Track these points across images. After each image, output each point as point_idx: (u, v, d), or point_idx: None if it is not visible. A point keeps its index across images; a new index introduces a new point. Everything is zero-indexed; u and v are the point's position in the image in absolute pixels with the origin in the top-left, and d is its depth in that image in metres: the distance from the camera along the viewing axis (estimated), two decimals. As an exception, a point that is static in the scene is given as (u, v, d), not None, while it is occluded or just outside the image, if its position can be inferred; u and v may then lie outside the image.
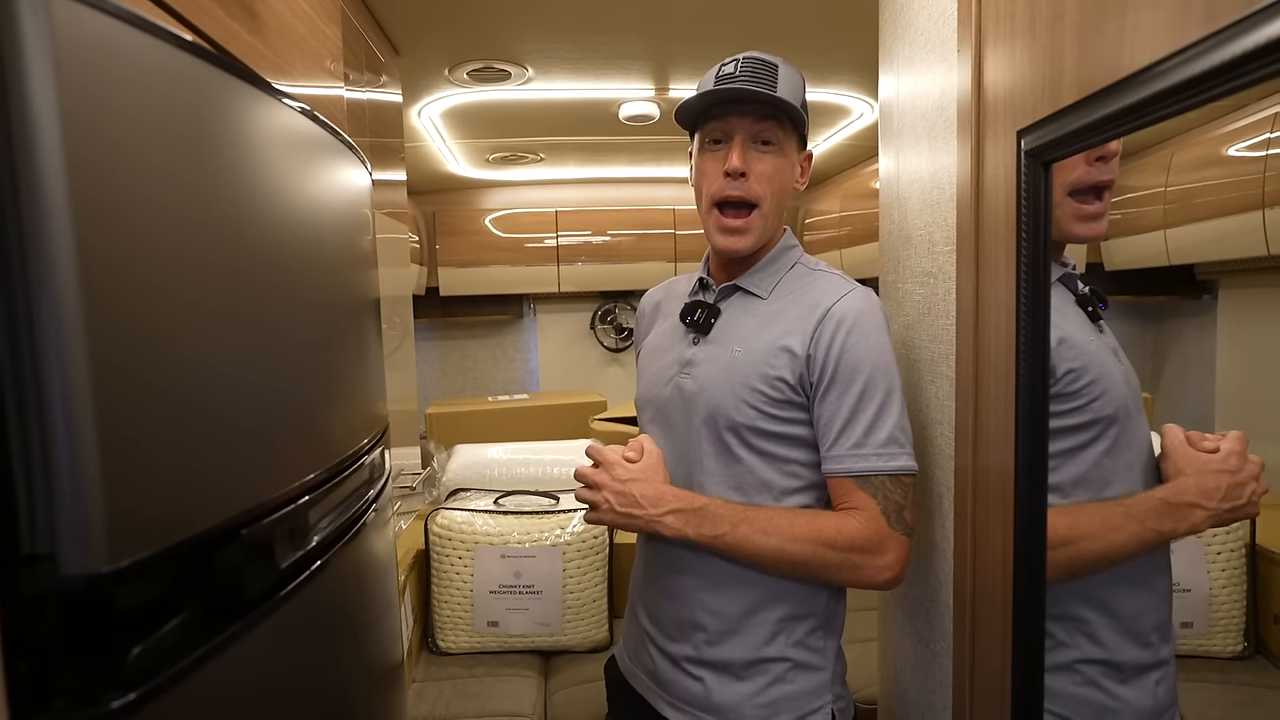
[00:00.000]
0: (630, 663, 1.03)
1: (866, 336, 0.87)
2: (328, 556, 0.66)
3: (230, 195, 0.51)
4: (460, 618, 1.83)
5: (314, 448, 0.64)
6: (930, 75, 1.00)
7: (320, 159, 0.70)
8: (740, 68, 0.90)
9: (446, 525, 1.84)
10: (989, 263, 0.82)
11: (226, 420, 0.48)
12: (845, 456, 0.86)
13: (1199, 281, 1.76)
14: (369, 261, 0.90)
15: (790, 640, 0.90)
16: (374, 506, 0.84)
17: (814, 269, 0.97)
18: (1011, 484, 0.76)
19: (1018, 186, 0.72)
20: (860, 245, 3.08)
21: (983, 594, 0.86)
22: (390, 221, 1.56)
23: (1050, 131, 0.66)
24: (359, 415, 0.80)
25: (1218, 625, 1.44)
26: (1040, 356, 0.69)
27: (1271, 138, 1.34)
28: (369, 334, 0.88)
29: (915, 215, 1.08)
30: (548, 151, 2.91)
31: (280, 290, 0.58)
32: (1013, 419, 0.75)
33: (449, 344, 4.02)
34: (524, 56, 1.71)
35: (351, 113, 1.27)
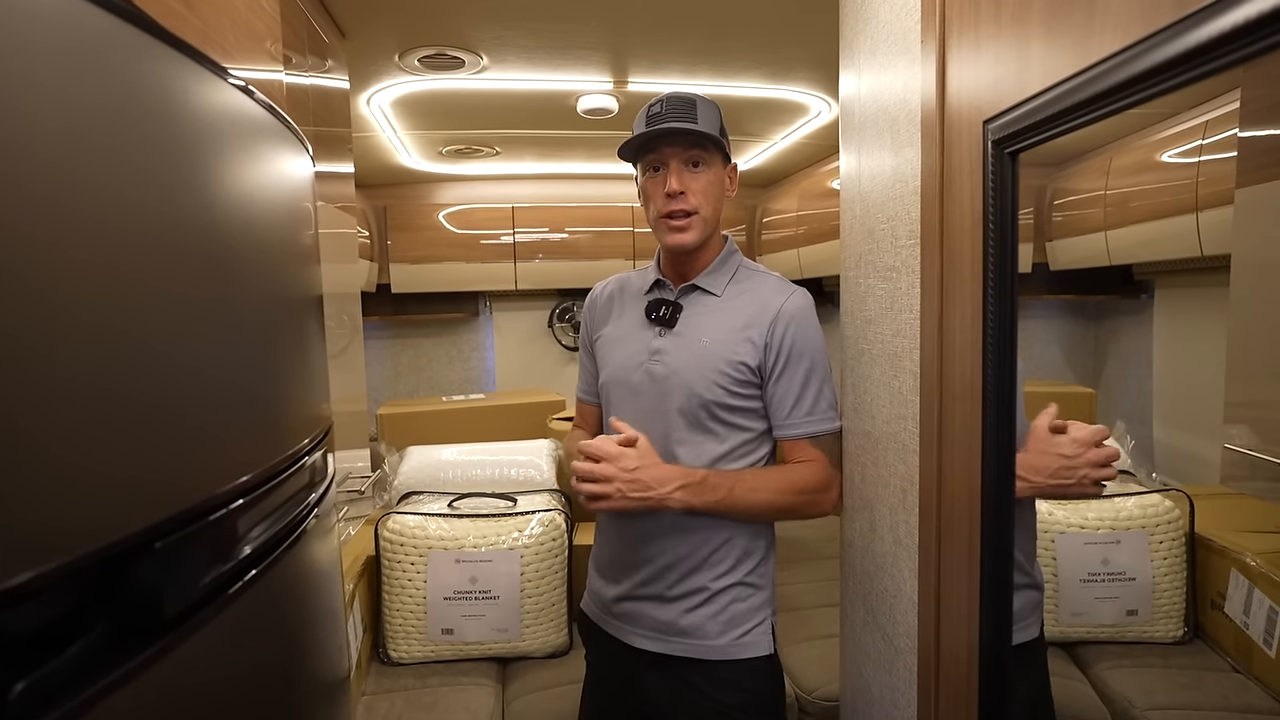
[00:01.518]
0: (599, 610, 1.22)
1: (808, 329, 1.13)
2: (261, 567, 0.60)
3: (156, 171, 0.45)
4: (413, 626, 1.76)
5: (245, 450, 0.59)
6: (893, 68, 1.00)
7: (260, 142, 0.65)
8: (666, 107, 1.10)
9: (398, 530, 1.77)
10: (954, 256, 0.81)
11: (141, 417, 0.43)
12: (801, 422, 1.12)
13: (1137, 281, 1.82)
14: (311, 255, 0.84)
15: (742, 571, 1.13)
16: (315, 512, 0.79)
17: (754, 270, 1.19)
18: (978, 481, 0.75)
19: (984, 177, 0.71)
20: (817, 244, 3.11)
21: (949, 590, 0.85)
22: (337, 215, 1.49)
23: (1018, 120, 0.65)
24: (298, 416, 0.75)
25: (1160, 612, 1.48)
26: (1008, 351, 0.68)
27: (1204, 144, 1.39)
28: (309, 330, 0.82)
29: (878, 209, 1.07)
30: (504, 145, 2.84)
31: (209, 278, 0.53)
32: (979, 415, 0.74)
33: (402, 343, 3.90)
34: (478, 44, 1.65)
35: (293, 98, 1.20)
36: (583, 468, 1.02)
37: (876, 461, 1.11)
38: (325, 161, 1.40)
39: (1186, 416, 1.57)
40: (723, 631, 1.11)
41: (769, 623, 1.15)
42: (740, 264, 1.19)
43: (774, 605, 1.17)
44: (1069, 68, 0.58)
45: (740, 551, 1.13)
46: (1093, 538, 1.44)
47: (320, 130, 1.36)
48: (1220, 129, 1.29)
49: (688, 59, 1.82)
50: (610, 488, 1.01)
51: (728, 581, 1.12)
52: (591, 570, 1.27)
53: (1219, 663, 1.38)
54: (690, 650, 1.12)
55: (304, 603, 0.77)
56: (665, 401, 1.12)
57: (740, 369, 1.09)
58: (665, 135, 1.09)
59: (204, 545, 0.50)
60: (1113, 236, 1.65)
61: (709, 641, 1.12)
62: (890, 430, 1.05)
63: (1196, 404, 1.56)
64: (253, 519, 0.60)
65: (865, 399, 1.15)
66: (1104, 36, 0.55)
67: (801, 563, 2.38)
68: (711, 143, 1.10)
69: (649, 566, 1.14)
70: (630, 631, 1.17)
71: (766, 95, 2.15)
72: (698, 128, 1.08)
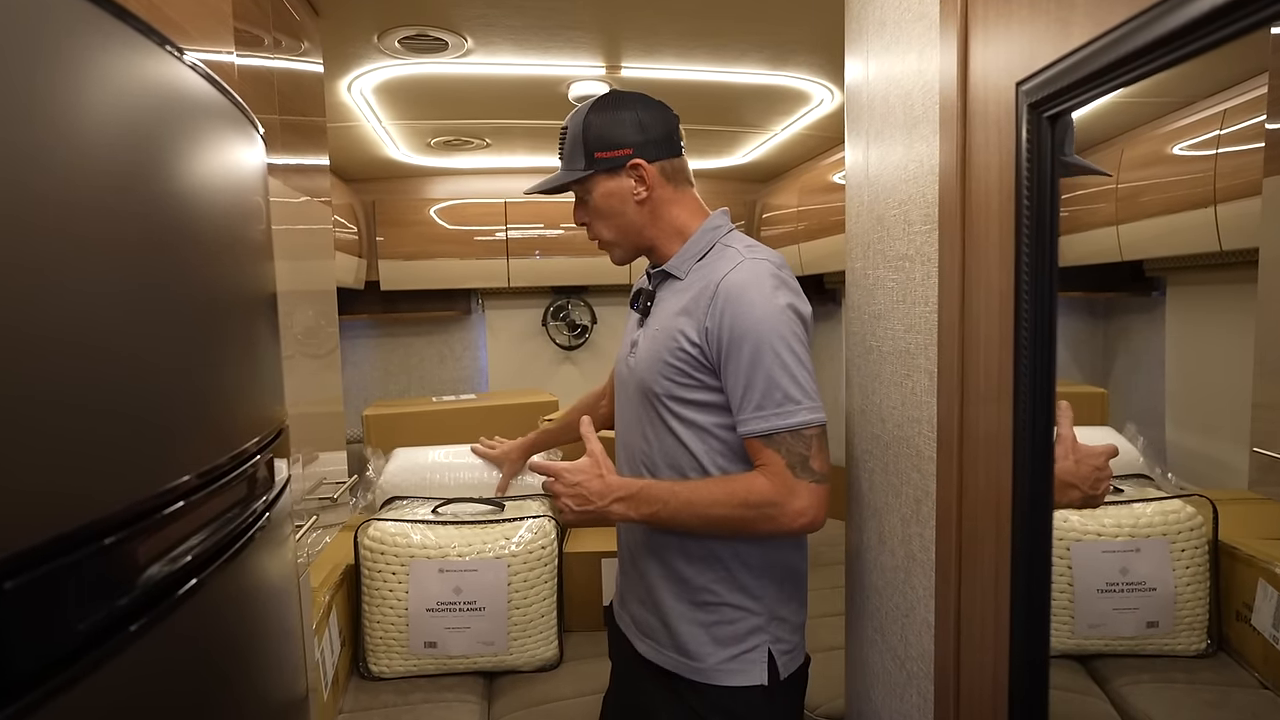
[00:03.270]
0: (618, 606, 1.20)
1: (750, 306, 0.94)
2: (181, 593, 0.52)
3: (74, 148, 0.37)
4: (394, 639, 1.67)
5: (155, 461, 0.50)
6: (906, 40, 0.91)
7: (203, 126, 0.56)
8: (559, 145, 1.10)
9: (378, 538, 1.68)
10: (978, 241, 0.72)
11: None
12: (750, 419, 0.95)
13: (1148, 278, 1.73)
14: (260, 250, 0.76)
15: (728, 587, 1.04)
16: (261, 523, 0.70)
17: (727, 245, 1.04)
18: (1009, 496, 0.66)
19: (1017, 148, 0.62)
20: (818, 239, 3.02)
21: (971, 613, 0.76)
22: (312, 209, 1.40)
23: (1057, 79, 0.57)
24: (239, 418, 0.66)
25: (1182, 623, 1.39)
26: (1046, 346, 0.60)
27: (1222, 134, 1.30)
28: (258, 327, 0.74)
29: (889, 194, 0.98)
30: (494, 137, 2.74)
31: (119, 265, 0.44)
32: (1009, 421, 0.65)
33: (392, 341, 3.81)
34: (462, 24, 1.56)
35: (254, 82, 1.10)
36: (544, 483, 1.05)
37: (886, 468, 1.02)
38: (297, 152, 1.31)
39: (1201, 417, 1.50)
40: (709, 652, 1.04)
41: (765, 648, 1.04)
42: (717, 242, 1.06)
43: (779, 632, 1.06)
44: (1121, 13, 0.50)
45: (728, 568, 1.04)
46: (1111, 545, 1.36)
47: (289, 119, 1.27)
48: (1239, 118, 1.22)
49: (684, 41, 1.73)
50: (560, 502, 1.01)
51: (713, 598, 1.04)
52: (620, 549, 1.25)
53: (1246, 678, 1.31)
54: (676, 665, 1.06)
55: (246, 624, 0.68)
56: (635, 396, 1.08)
57: (680, 355, 0.99)
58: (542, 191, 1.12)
59: (88, 577, 0.41)
60: (1124, 231, 1.57)
61: (691, 662, 1.05)
62: (902, 434, 0.96)
63: (1212, 405, 1.49)
64: (171, 536, 0.52)
65: (873, 400, 1.06)
66: (1172, -30, 0.46)
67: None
68: (574, 182, 1.08)
69: (633, 564, 1.13)
70: (632, 630, 1.15)
71: (767, 82, 2.06)
72: (550, 182, 1.09)
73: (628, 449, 1.12)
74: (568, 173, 1.08)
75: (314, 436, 1.37)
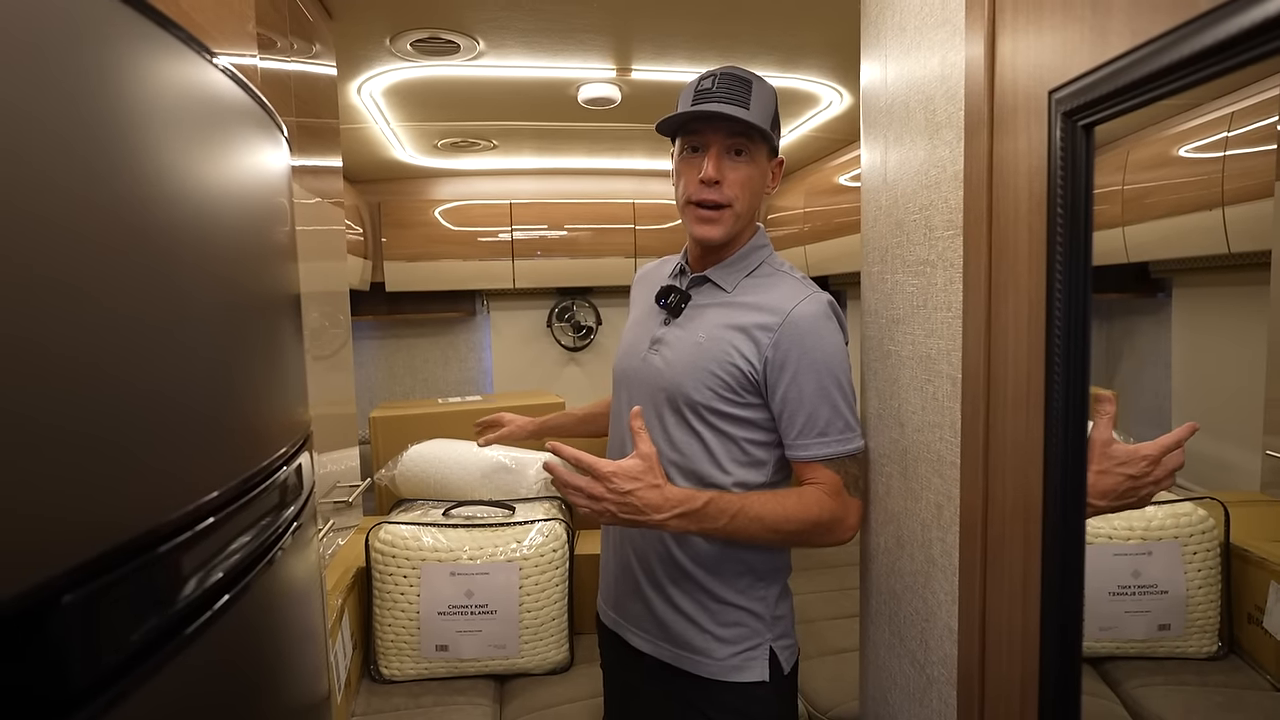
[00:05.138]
0: (604, 604, 1.19)
1: (820, 341, 1.00)
2: (225, 600, 0.52)
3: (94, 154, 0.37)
4: (405, 642, 1.67)
5: (198, 472, 0.50)
6: (928, 42, 0.91)
7: (230, 128, 0.56)
8: (717, 83, 1.01)
9: (390, 541, 1.68)
10: (1006, 247, 0.72)
11: (62, 439, 0.34)
12: (813, 444, 1.00)
13: (1154, 279, 1.73)
14: (286, 252, 0.76)
15: (734, 590, 1.04)
16: (293, 527, 0.70)
17: (777, 269, 1.08)
18: (1039, 504, 0.66)
19: (1050, 155, 0.62)
20: (824, 241, 3.02)
21: (997, 619, 0.76)
22: (324, 210, 1.40)
23: (1094, 87, 0.57)
24: (270, 425, 0.66)
25: (1193, 626, 1.39)
26: (1080, 356, 0.60)
27: (1230, 136, 1.30)
28: (284, 331, 0.74)
29: (909, 197, 0.98)
30: (501, 138, 2.74)
31: (154, 277, 0.44)
32: (1040, 429, 0.65)
33: (397, 342, 3.81)
34: (474, 26, 1.56)
35: (272, 85, 1.10)
36: (577, 483, 0.92)
37: (905, 473, 1.02)
38: (311, 154, 1.31)
39: (1209, 419, 1.50)
40: (714, 647, 1.05)
41: (768, 646, 1.07)
42: (765, 260, 1.09)
43: (780, 629, 1.09)
44: (1165, 22, 0.50)
45: (735, 571, 1.05)
46: (1122, 549, 1.36)
47: (304, 121, 1.27)
48: (1247, 120, 1.21)
49: (694, 43, 1.73)
50: (600, 507, 0.92)
51: (715, 600, 1.05)
52: (603, 552, 1.23)
53: (1259, 680, 1.31)
54: (677, 659, 1.07)
55: (277, 629, 0.68)
56: (658, 395, 1.05)
57: (732, 372, 1.00)
58: (710, 118, 1.00)
59: (137, 590, 0.41)
60: (1130, 233, 1.57)
61: (696, 657, 1.05)
62: (923, 440, 0.96)
63: (1220, 406, 1.49)
64: (212, 547, 0.52)
65: (892, 405, 1.06)
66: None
67: (813, 570, 2.28)
68: (759, 133, 1.00)
69: (632, 563, 1.11)
70: (627, 628, 1.13)
71: (776, 84, 2.05)
72: (747, 116, 0.98)
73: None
74: (759, 120, 0.99)
75: (328, 438, 1.37)
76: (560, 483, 0.93)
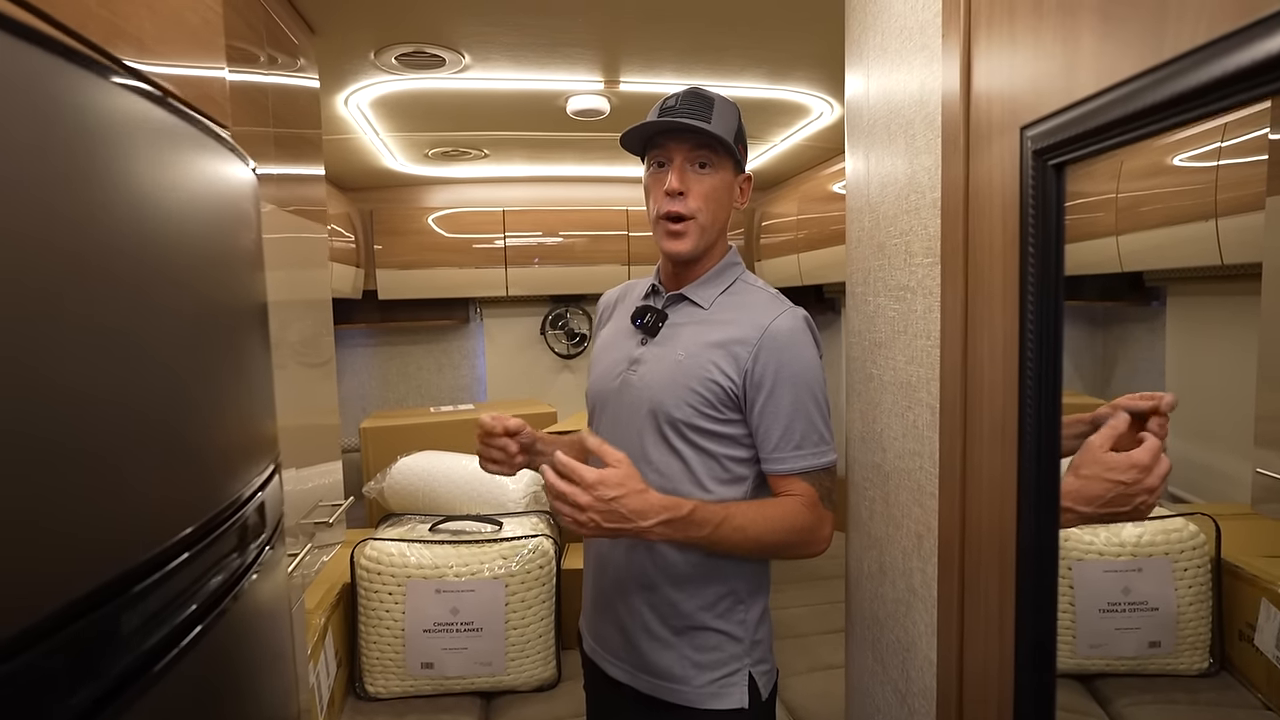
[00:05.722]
0: (588, 630, 1.17)
1: (798, 354, 1.01)
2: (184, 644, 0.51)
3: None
4: (391, 659, 1.66)
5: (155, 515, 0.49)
6: (908, 65, 0.90)
7: (161, 150, 0.54)
8: (680, 101, 1.02)
9: (375, 558, 1.66)
10: (982, 279, 0.71)
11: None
12: (789, 457, 1.00)
13: (1148, 288, 1.72)
14: (245, 268, 0.74)
15: (712, 614, 1.04)
16: (256, 564, 0.69)
17: (751, 285, 1.10)
18: (1013, 535, 0.65)
19: (1022, 191, 0.61)
20: (818, 250, 3.01)
21: (976, 653, 0.75)
22: (305, 219, 1.39)
23: (1064, 128, 0.56)
24: (230, 459, 0.64)
25: (1184, 643, 1.38)
26: (1051, 394, 0.58)
27: (1223, 147, 1.29)
28: (247, 355, 0.72)
29: (890, 222, 0.97)
30: (492, 148, 2.73)
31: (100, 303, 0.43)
32: (1014, 462, 0.64)
33: (390, 350, 3.80)
34: (458, 41, 1.55)
35: (247, 98, 1.09)
36: (562, 489, 0.89)
37: (887, 499, 1.01)
38: (289, 164, 1.30)
39: (1202, 428, 1.48)
40: (691, 675, 1.03)
41: (746, 672, 1.05)
42: (738, 277, 1.10)
43: (759, 654, 1.07)
44: (1133, 66, 0.49)
45: (714, 593, 1.04)
46: (1113, 565, 1.35)
47: (283, 132, 1.26)
48: (1240, 131, 1.20)
49: (682, 57, 1.72)
50: (584, 516, 0.89)
51: (692, 624, 1.04)
52: (585, 570, 1.21)
53: (1248, 698, 1.29)
54: (654, 689, 1.05)
55: (241, 660, 0.67)
56: (636, 414, 1.04)
57: (712, 389, 1.00)
58: (671, 130, 1.01)
59: (91, 643, 0.40)
60: (1124, 242, 1.56)
61: (672, 685, 1.04)
62: (903, 466, 0.95)
63: (1213, 415, 1.47)
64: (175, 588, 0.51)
65: (875, 428, 1.05)
66: (1183, 28, 0.45)
67: (803, 583, 2.27)
68: (722, 146, 1.01)
69: (608, 584, 1.09)
70: (604, 657, 1.12)
71: (766, 96, 2.06)
72: (707, 127, 0.99)
73: None
74: (721, 133, 1.00)
75: (309, 450, 1.36)
76: (551, 491, 0.91)
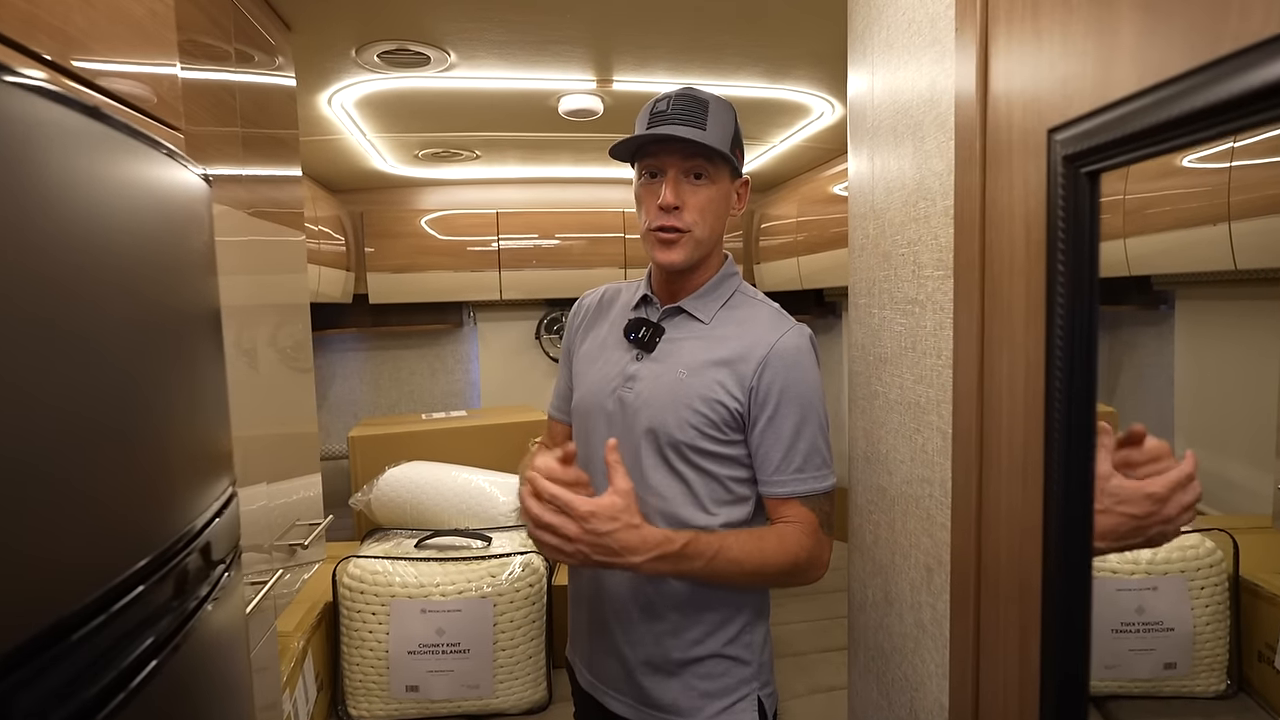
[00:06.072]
0: (580, 662, 1.10)
1: (804, 374, 0.96)
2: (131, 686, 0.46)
3: None
4: (374, 682, 1.59)
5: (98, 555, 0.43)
6: (917, 62, 0.83)
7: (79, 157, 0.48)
8: (672, 105, 0.96)
9: (359, 576, 1.60)
10: (1000, 297, 0.65)
11: None
12: (789, 480, 0.95)
13: (1156, 291, 1.66)
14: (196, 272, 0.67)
15: (719, 641, 0.99)
16: (207, 602, 0.63)
17: (752, 298, 1.04)
18: (1036, 577, 0.59)
19: (1049, 201, 0.55)
20: (818, 253, 2.95)
21: (992, 704, 0.69)
22: (280, 222, 1.32)
23: (1099, 131, 0.49)
24: (176, 494, 0.58)
25: (1201, 664, 1.32)
26: (1085, 430, 0.52)
27: (1235, 148, 1.23)
28: (199, 362, 0.66)
29: (897, 231, 0.91)
30: (483, 149, 2.67)
31: None
32: (1039, 505, 0.58)
33: (382, 355, 3.73)
34: (442, 38, 1.48)
35: (210, 97, 1.03)
36: (544, 518, 0.84)
37: (893, 525, 0.95)
38: (261, 165, 1.24)
39: (1214, 436, 1.43)
40: (699, 707, 0.98)
41: (755, 697, 1.00)
42: (737, 289, 1.04)
43: (765, 677, 1.02)
44: (1183, 62, 0.42)
45: (719, 618, 0.99)
46: (1126, 584, 1.29)
47: (253, 132, 1.19)
48: (1255, 131, 1.13)
49: (677, 55, 1.65)
50: (571, 548, 0.84)
51: (699, 652, 0.98)
52: (571, 593, 1.14)
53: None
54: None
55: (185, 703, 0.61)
56: (633, 435, 0.98)
57: (717, 409, 0.95)
58: (664, 141, 0.94)
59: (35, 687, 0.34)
60: (1132, 245, 1.49)
61: (680, 718, 0.98)
62: (911, 492, 0.89)
63: (1226, 424, 1.42)
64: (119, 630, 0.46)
65: (879, 449, 0.99)
66: (1249, 18, 0.38)
67: (803, 596, 2.21)
68: (718, 155, 0.95)
69: (604, 612, 1.02)
70: (605, 692, 1.04)
71: (764, 95, 1.99)
72: (702, 138, 0.93)
73: None
74: (717, 143, 0.94)
75: (285, 462, 1.29)
76: (535, 520, 0.84)
